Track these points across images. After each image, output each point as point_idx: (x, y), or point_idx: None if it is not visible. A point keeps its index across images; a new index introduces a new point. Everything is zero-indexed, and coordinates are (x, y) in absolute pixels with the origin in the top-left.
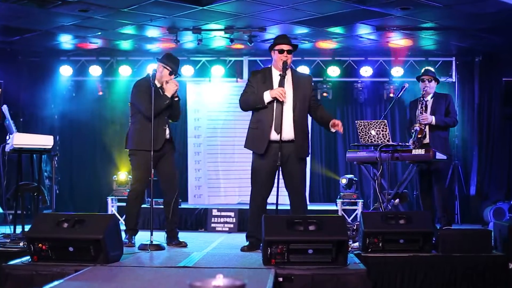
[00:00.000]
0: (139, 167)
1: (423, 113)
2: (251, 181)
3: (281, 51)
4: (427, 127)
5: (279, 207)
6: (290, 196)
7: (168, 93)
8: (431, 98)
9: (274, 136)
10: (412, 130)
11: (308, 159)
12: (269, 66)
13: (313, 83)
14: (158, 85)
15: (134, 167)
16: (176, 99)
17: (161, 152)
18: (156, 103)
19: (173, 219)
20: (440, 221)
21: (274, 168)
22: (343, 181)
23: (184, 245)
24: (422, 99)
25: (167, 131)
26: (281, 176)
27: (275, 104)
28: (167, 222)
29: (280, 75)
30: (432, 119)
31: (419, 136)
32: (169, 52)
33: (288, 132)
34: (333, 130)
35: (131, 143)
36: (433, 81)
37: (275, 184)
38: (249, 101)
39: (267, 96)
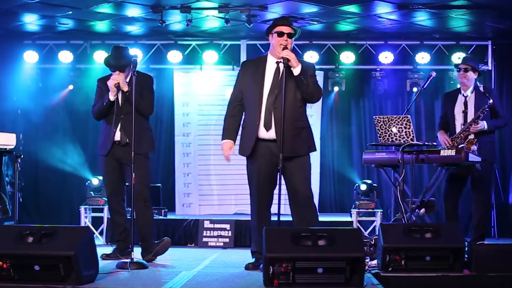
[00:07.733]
0: (103, 174)
1: (465, 112)
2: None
3: (280, 34)
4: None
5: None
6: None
7: (111, 93)
8: (471, 93)
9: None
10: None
11: (318, 161)
12: (265, 54)
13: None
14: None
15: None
16: (125, 89)
17: (115, 156)
18: (98, 104)
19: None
20: (472, 234)
21: (272, 171)
22: (362, 187)
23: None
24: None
25: (117, 134)
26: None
27: (263, 96)
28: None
29: (276, 62)
30: (484, 125)
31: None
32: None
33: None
34: (290, 65)
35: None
36: (470, 71)
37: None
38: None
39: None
